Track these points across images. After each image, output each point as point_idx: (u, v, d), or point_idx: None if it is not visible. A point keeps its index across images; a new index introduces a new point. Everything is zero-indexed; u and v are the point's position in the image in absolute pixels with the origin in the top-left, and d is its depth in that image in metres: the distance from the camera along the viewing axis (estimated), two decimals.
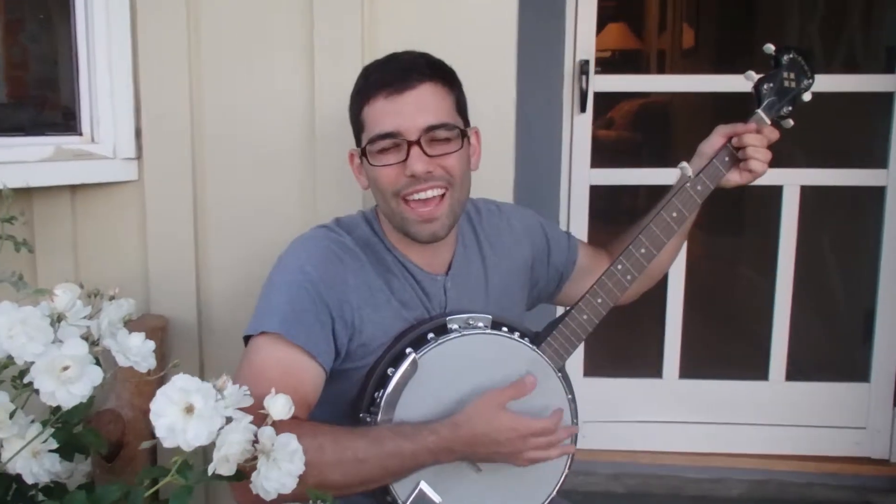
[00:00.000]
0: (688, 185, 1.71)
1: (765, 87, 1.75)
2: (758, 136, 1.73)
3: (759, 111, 1.74)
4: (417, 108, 1.57)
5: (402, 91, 1.57)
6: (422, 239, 1.63)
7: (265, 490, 1.20)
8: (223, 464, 1.16)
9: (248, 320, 1.61)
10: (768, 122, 1.74)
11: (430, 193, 1.59)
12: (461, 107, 1.67)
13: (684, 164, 1.71)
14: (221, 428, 1.15)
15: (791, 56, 1.78)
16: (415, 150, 1.56)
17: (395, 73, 1.60)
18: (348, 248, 1.65)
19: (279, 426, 1.25)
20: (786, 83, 1.76)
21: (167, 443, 1.12)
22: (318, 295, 1.57)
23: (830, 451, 3.02)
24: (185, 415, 1.12)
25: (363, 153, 1.62)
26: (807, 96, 1.80)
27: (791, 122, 1.78)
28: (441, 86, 1.62)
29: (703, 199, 1.74)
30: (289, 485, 1.20)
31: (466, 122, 1.69)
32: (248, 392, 1.26)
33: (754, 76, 1.75)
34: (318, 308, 1.57)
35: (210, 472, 1.16)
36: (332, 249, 1.63)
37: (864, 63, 3.69)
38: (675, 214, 1.71)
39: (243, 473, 1.20)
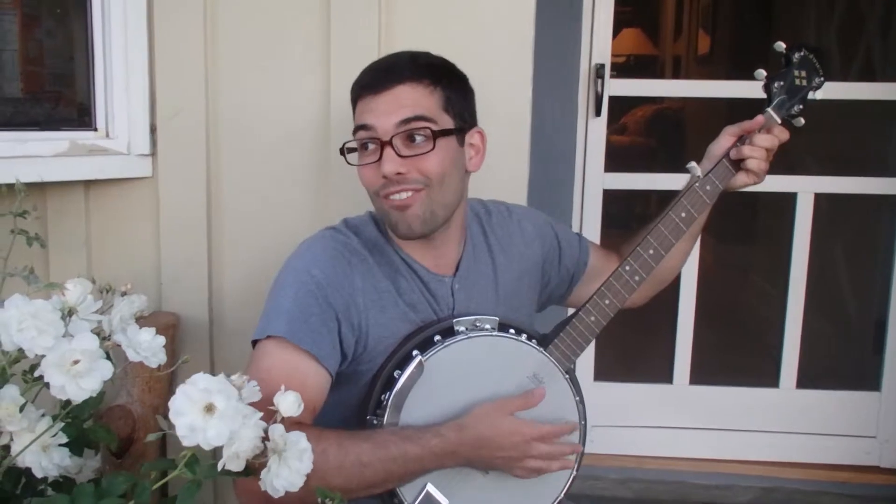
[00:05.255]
0: (696, 185, 1.69)
1: (775, 85, 1.72)
2: (765, 137, 1.71)
3: (770, 110, 1.71)
4: (391, 107, 1.55)
5: (378, 92, 1.57)
6: (400, 231, 1.61)
7: (274, 488, 1.20)
8: (233, 460, 1.16)
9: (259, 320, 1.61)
10: (779, 120, 1.71)
11: (403, 196, 1.57)
12: (453, 105, 1.62)
13: (693, 164, 1.69)
14: None
15: (802, 54, 1.75)
16: (387, 151, 1.55)
17: (375, 73, 1.61)
18: (355, 250, 1.65)
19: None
20: (797, 81, 1.73)
21: (187, 441, 1.11)
22: (325, 298, 1.57)
23: (840, 460, 3.00)
24: (205, 414, 1.11)
25: (349, 150, 1.63)
26: (817, 94, 1.76)
27: (802, 120, 1.75)
28: (426, 84, 1.58)
29: (713, 200, 1.72)
30: (297, 483, 1.20)
31: (464, 122, 1.65)
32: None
33: (764, 74, 1.72)
34: (324, 312, 1.56)
35: (220, 468, 1.16)
36: (339, 251, 1.63)
37: (880, 71, 3.67)
38: (683, 215, 1.69)
39: (250, 469, 1.20)
